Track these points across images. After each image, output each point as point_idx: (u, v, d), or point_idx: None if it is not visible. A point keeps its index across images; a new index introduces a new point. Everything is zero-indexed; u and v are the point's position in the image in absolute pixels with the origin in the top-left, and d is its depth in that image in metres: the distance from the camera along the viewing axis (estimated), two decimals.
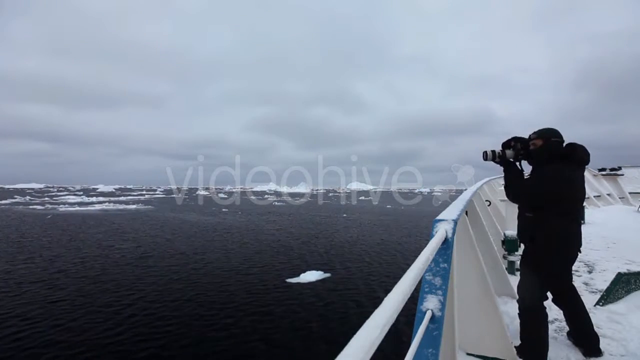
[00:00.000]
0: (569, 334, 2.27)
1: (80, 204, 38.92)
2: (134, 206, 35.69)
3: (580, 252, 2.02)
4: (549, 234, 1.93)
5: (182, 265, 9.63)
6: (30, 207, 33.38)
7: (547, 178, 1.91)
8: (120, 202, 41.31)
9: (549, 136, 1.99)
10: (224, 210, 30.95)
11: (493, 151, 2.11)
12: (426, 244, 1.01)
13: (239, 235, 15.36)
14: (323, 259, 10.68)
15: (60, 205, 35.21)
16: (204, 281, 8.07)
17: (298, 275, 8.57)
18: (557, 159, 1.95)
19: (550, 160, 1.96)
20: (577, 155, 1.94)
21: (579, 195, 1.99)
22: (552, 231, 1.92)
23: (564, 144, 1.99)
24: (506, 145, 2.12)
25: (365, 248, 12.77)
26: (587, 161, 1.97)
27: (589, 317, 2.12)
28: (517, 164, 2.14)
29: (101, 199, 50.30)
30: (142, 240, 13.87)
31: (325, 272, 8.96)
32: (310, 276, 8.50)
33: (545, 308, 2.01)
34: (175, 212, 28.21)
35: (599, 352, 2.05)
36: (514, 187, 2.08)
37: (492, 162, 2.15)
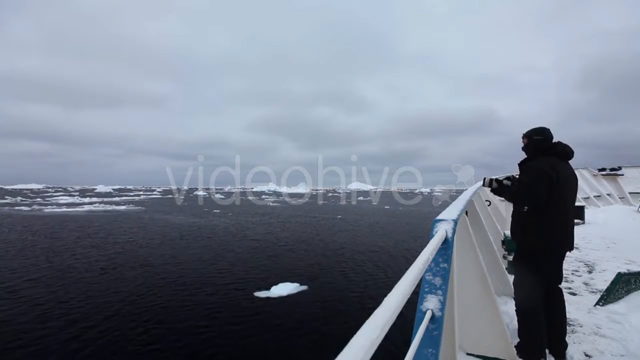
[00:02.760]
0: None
1: (69, 205, 38.50)
2: (123, 207, 35.36)
3: (570, 251, 2.11)
4: (539, 230, 2.03)
5: (144, 276, 8.80)
6: (16, 208, 32.94)
7: (530, 169, 2.08)
8: (112, 203, 40.93)
9: (531, 134, 2.21)
10: (215, 211, 30.46)
11: (491, 179, 2.36)
12: (424, 248, 1.02)
13: (218, 240, 14.45)
14: (304, 268, 9.77)
15: (48, 207, 34.79)
16: (162, 297, 7.25)
17: (269, 288, 7.66)
18: (539, 155, 2.14)
19: (534, 157, 2.17)
20: (557, 150, 2.12)
21: (567, 186, 2.06)
22: (542, 227, 2.02)
23: (553, 142, 2.18)
24: (505, 179, 2.39)
25: (355, 254, 11.79)
26: (568, 154, 2.14)
27: (566, 324, 2.17)
28: None
29: (94, 199, 49.75)
30: (111, 245, 13.06)
31: (301, 285, 7.99)
32: (282, 289, 7.55)
33: (542, 306, 2.06)
34: (163, 214, 27.62)
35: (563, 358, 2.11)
36: (513, 192, 2.19)
37: (491, 185, 2.37)
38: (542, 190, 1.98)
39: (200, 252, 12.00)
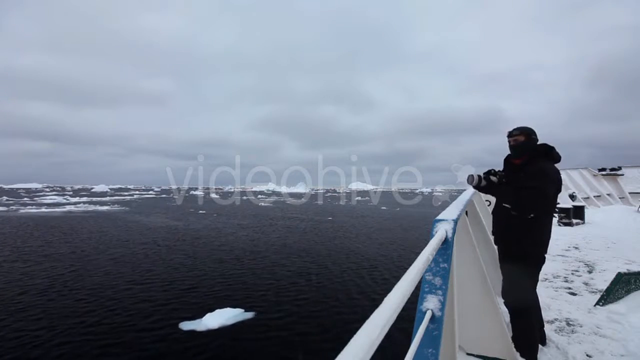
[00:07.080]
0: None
1: (50, 205, 37.87)
2: (106, 208, 34.87)
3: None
4: (536, 235, 2.07)
5: (55, 294, 7.50)
6: None
7: (541, 174, 2.01)
8: (98, 204, 40.44)
9: (530, 133, 2.19)
10: (200, 212, 29.96)
11: (479, 175, 2.27)
12: (420, 253, 1.03)
13: (180, 250, 12.76)
14: (264, 287, 8.03)
15: (27, 207, 34.15)
16: (83, 320, 6.07)
17: (202, 316, 6.07)
18: (541, 157, 2.14)
19: (534, 158, 2.13)
20: (555, 154, 2.15)
21: (558, 193, 2.16)
22: (538, 232, 2.08)
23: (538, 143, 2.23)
24: (487, 174, 2.30)
25: (338, 268, 9.93)
26: (559, 158, 2.19)
27: (542, 316, 2.33)
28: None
29: (83, 199, 49.28)
30: (56, 255, 11.76)
31: (246, 311, 6.35)
32: (216, 319, 5.89)
33: (535, 306, 2.19)
34: (143, 215, 26.87)
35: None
36: (522, 200, 2.05)
37: (483, 181, 2.27)
38: (553, 198, 2.02)
39: (147, 266, 10.25)
